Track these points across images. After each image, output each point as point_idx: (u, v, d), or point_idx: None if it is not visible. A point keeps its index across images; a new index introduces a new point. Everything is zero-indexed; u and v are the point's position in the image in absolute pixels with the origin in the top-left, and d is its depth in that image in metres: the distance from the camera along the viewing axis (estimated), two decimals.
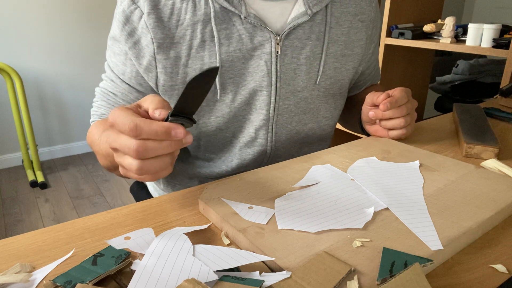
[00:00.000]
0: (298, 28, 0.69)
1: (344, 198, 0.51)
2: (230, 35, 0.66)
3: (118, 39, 0.67)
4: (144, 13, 0.64)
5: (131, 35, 0.66)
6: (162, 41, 0.65)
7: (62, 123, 2.81)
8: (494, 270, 0.40)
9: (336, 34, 0.74)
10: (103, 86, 0.74)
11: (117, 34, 0.67)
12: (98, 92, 0.75)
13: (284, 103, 0.73)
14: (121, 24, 0.66)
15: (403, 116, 0.70)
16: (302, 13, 0.68)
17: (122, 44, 0.67)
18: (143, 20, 0.64)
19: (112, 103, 0.72)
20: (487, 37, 1.53)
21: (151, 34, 0.64)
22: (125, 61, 0.69)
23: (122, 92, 0.71)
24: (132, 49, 0.66)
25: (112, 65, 0.71)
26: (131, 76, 0.69)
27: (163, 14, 0.64)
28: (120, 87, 0.71)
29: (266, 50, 0.68)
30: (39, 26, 2.55)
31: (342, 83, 0.78)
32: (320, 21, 0.71)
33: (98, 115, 0.74)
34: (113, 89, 0.72)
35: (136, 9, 0.64)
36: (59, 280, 0.37)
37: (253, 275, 0.37)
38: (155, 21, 0.64)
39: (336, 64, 0.75)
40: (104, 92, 0.74)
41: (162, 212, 0.52)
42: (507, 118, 0.89)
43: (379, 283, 0.36)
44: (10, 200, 2.24)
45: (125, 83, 0.71)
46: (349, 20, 0.75)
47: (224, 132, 0.73)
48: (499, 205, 0.48)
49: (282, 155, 0.79)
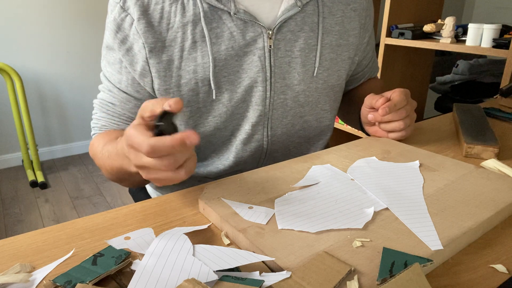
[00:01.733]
0: (290, 20, 0.69)
1: (344, 198, 0.51)
2: (221, 33, 0.66)
3: (112, 48, 0.68)
4: (135, 19, 0.64)
5: (123, 43, 0.66)
6: (153, 45, 0.65)
7: (62, 123, 2.81)
8: (494, 270, 0.40)
9: (330, 24, 0.74)
10: (101, 98, 0.73)
11: (110, 42, 0.68)
12: (96, 104, 0.75)
13: (279, 97, 0.73)
14: (113, 32, 0.66)
15: (402, 119, 0.70)
16: (292, 5, 0.69)
17: (116, 52, 0.67)
18: (134, 26, 0.64)
19: (112, 113, 0.72)
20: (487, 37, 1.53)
21: (142, 39, 0.64)
22: (120, 69, 0.69)
23: (121, 101, 0.71)
24: (126, 56, 0.66)
25: (108, 75, 0.71)
26: (127, 84, 0.69)
27: (153, 18, 0.65)
28: (118, 96, 0.71)
29: (259, 45, 0.68)
30: (39, 26, 2.55)
31: (339, 74, 0.78)
32: (312, 11, 0.71)
33: (98, 127, 0.73)
34: (112, 100, 0.72)
35: (126, 16, 0.65)
36: (59, 280, 0.37)
37: (253, 275, 0.37)
38: (145, 26, 0.64)
39: (332, 54, 0.75)
40: (103, 104, 0.73)
41: (162, 212, 0.52)
42: (507, 118, 0.89)
43: (379, 283, 0.36)
44: (10, 200, 2.24)
45: (123, 92, 0.70)
46: (342, 9, 0.75)
47: (223, 131, 0.73)
48: (499, 205, 0.48)
49: (279, 150, 0.79)
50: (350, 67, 0.82)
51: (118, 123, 0.72)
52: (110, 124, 0.72)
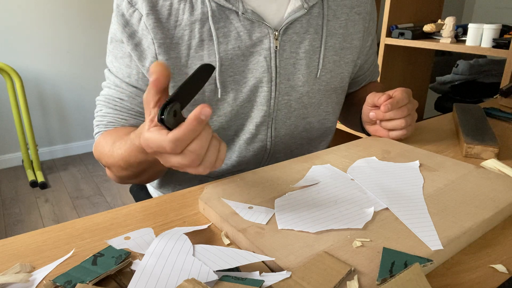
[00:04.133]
0: (296, 22, 0.70)
1: (344, 198, 0.51)
2: (228, 33, 0.66)
3: (120, 41, 0.67)
4: (143, 14, 0.64)
5: (132, 37, 0.65)
6: (162, 41, 0.65)
7: (62, 123, 2.81)
8: (494, 270, 0.40)
9: (334, 27, 0.74)
10: (107, 94, 0.71)
11: (118, 36, 0.67)
12: (101, 100, 0.72)
13: (284, 98, 0.73)
14: (121, 26, 0.65)
15: (403, 117, 0.70)
16: (299, 7, 0.69)
17: (125, 46, 0.67)
18: (142, 21, 0.64)
19: (120, 109, 0.70)
20: (487, 37, 1.53)
21: (151, 34, 0.64)
22: (130, 63, 0.68)
23: (129, 96, 0.69)
24: (134, 51, 0.66)
25: (115, 70, 0.70)
26: (138, 78, 0.68)
27: (161, 15, 0.64)
28: (126, 91, 0.69)
29: (265, 46, 0.68)
30: (39, 26, 2.55)
31: (342, 76, 0.79)
32: (317, 14, 0.72)
33: (104, 124, 0.70)
34: (119, 95, 0.70)
35: (134, 12, 0.64)
36: (59, 280, 0.37)
37: (253, 275, 0.37)
38: (154, 21, 0.64)
39: (335, 57, 0.76)
40: (109, 100, 0.71)
41: (162, 212, 0.52)
42: (507, 118, 0.89)
43: (379, 283, 0.36)
44: (10, 200, 2.24)
45: (132, 86, 0.69)
46: (346, 12, 0.75)
47: (227, 130, 0.73)
48: (499, 205, 0.48)
49: (282, 151, 0.79)
50: (352, 70, 0.82)
51: (126, 118, 0.70)
52: (118, 120, 0.70)
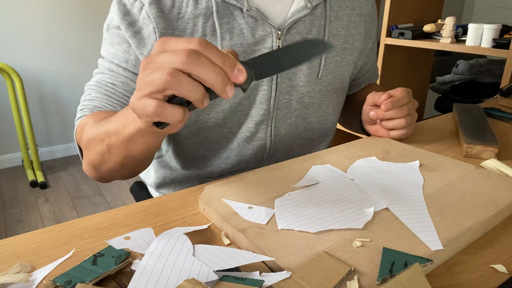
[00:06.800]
0: (299, 22, 0.70)
1: (344, 198, 0.51)
2: (231, 29, 0.66)
3: (118, 27, 0.66)
4: (145, 3, 0.63)
5: (131, 25, 0.65)
6: (164, 31, 0.64)
7: (62, 123, 2.81)
8: (494, 270, 0.40)
9: (336, 28, 0.74)
10: (99, 79, 0.68)
11: (116, 22, 0.65)
12: (91, 85, 0.69)
13: (284, 98, 0.73)
14: (121, 14, 0.64)
15: (404, 117, 0.71)
16: (302, 6, 0.69)
17: (123, 32, 0.65)
18: (144, 10, 0.64)
19: (111, 94, 0.67)
20: (487, 37, 1.53)
21: (153, 23, 0.64)
22: (128, 48, 0.66)
23: (123, 82, 0.67)
24: (133, 38, 0.65)
25: (111, 56, 0.68)
26: (136, 63, 0.67)
27: (164, 6, 0.64)
28: (121, 76, 0.67)
29: (268, 44, 0.68)
30: (39, 26, 2.55)
31: (343, 77, 0.79)
32: (320, 15, 0.72)
33: (90, 108, 0.66)
34: (113, 80, 0.67)
35: (136, 1, 0.64)
36: (59, 280, 0.37)
37: (253, 275, 0.37)
38: (157, 11, 0.63)
39: (337, 58, 0.76)
40: (101, 85, 0.67)
41: (162, 212, 0.52)
42: (507, 118, 0.89)
43: (379, 283, 0.36)
44: (10, 200, 2.24)
45: (128, 71, 0.67)
46: (348, 14, 0.75)
47: (222, 127, 0.73)
48: (499, 205, 0.48)
49: (282, 150, 0.79)
50: (353, 71, 0.82)
51: (115, 105, 0.67)
52: (105, 105, 0.66)
